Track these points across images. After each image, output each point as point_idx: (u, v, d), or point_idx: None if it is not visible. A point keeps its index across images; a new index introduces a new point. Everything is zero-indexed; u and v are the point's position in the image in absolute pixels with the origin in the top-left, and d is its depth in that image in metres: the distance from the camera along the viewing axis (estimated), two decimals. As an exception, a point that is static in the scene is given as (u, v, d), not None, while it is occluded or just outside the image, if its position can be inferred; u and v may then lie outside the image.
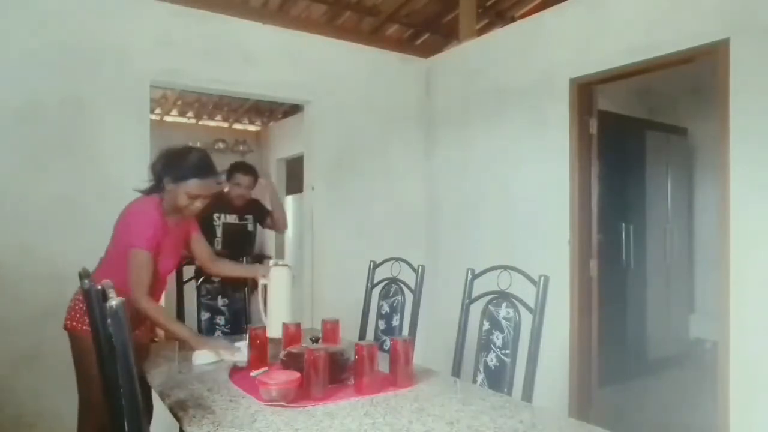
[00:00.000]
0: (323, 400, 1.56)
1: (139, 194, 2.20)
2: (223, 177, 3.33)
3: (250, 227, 3.61)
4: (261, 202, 3.69)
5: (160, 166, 2.15)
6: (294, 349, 1.82)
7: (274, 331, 2.01)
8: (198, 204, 2.15)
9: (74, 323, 2.11)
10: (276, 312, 2.10)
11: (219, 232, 3.46)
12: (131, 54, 3.15)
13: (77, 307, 2.10)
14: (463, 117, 4.05)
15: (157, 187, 2.16)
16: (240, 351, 2.01)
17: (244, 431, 1.34)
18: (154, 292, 2.15)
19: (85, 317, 2.01)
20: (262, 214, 3.66)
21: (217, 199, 3.23)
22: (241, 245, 3.46)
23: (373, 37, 4.68)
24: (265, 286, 2.17)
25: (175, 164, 2.12)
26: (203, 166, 2.15)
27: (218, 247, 3.39)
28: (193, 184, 2.09)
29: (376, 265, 2.77)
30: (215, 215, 3.44)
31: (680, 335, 5.08)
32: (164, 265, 2.18)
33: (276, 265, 2.18)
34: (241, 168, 3.52)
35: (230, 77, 3.51)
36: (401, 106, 4.26)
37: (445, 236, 4.18)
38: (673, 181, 5.03)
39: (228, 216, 3.50)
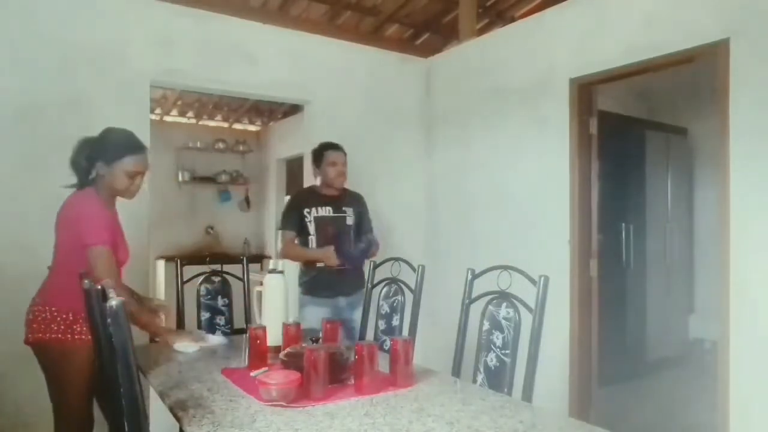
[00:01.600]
0: (323, 400, 1.56)
1: (68, 192, 2.13)
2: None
3: (349, 220, 3.11)
4: (363, 200, 3.25)
5: (85, 155, 2.09)
6: (294, 349, 1.82)
7: (272, 339, 1.95)
8: (138, 182, 2.10)
9: (38, 335, 2.04)
10: (272, 320, 2.03)
11: (312, 228, 3.05)
12: (131, 54, 3.15)
13: (39, 318, 2.04)
14: (463, 117, 4.05)
15: (85, 180, 2.10)
16: (207, 338, 2.27)
17: (244, 431, 1.34)
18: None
19: (52, 325, 2.01)
20: (361, 214, 3.18)
21: (307, 193, 3.22)
22: (338, 244, 3.01)
23: (373, 37, 4.68)
24: (260, 294, 2.15)
25: (102, 147, 2.07)
26: (133, 141, 2.12)
27: (313, 245, 3.04)
28: (129, 161, 2.06)
29: (376, 265, 2.77)
30: (305, 211, 3.07)
31: (680, 335, 5.08)
32: (120, 257, 2.12)
33: (272, 271, 2.14)
34: (330, 145, 3.15)
35: (230, 77, 3.51)
36: (401, 106, 4.26)
37: (445, 236, 4.18)
38: (673, 181, 5.03)
39: (320, 208, 3.07)
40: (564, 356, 3.23)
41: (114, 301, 1.21)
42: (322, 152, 3.14)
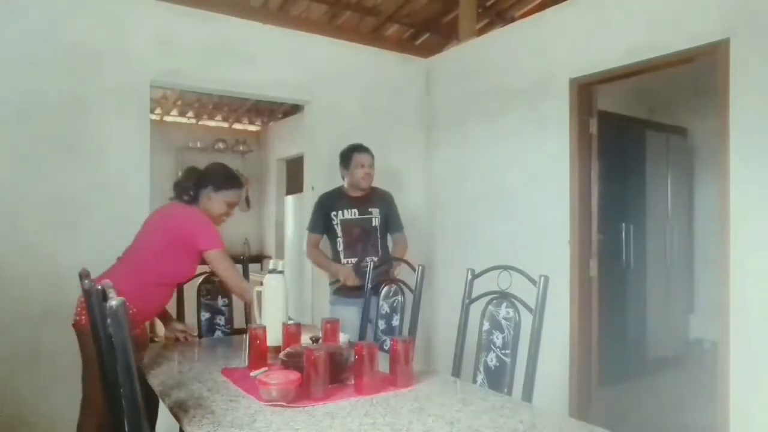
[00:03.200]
0: (323, 400, 1.56)
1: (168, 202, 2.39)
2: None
3: (375, 222, 3.14)
4: (391, 197, 3.26)
5: (194, 180, 2.36)
6: (294, 349, 1.82)
7: (272, 339, 1.95)
8: (231, 212, 2.42)
9: (83, 318, 2.12)
10: (272, 321, 2.03)
11: (339, 230, 3.14)
12: (131, 54, 3.15)
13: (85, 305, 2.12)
14: (463, 117, 4.05)
15: (188, 199, 2.36)
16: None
17: (244, 431, 1.34)
18: (172, 291, 2.39)
19: None
20: (388, 212, 3.21)
21: (334, 195, 3.24)
22: (364, 245, 3.09)
23: (373, 37, 4.68)
24: (260, 294, 2.15)
25: (214, 175, 2.38)
26: (237, 178, 2.46)
27: (340, 248, 3.14)
28: (233, 194, 2.39)
29: (376, 265, 2.77)
30: (332, 213, 3.15)
31: (680, 335, 5.08)
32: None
33: (272, 272, 2.13)
34: (358, 147, 3.18)
35: (230, 77, 3.51)
36: (401, 106, 4.26)
37: (445, 236, 4.18)
38: (673, 181, 5.03)
39: (347, 211, 3.14)
40: (564, 356, 3.23)
41: (114, 301, 1.21)
42: (349, 154, 3.19)
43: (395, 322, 2.56)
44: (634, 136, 4.69)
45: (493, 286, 2.01)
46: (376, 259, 3.04)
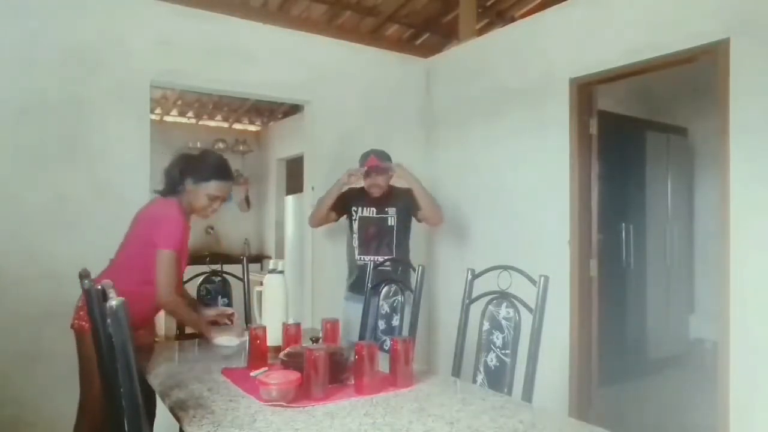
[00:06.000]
0: (323, 400, 1.56)
1: (155, 195, 2.31)
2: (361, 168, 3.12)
3: (390, 221, 3.16)
4: (411, 192, 3.20)
5: (179, 168, 2.25)
6: (294, 349, 1.82)
7: (272, 339, 1.95)
8: (216, 205, 2.26)
9: (82, 323, 2.13)
10: (272, 320, 2.03)
11: (356, 227, 3.19)
12: (131, 54, 3.15)
13: (86, 307, 2.09)
14: (463, 117, 4.05)
15: (173, 190, 2.25)
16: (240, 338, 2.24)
17: (244, 431, 1.34)
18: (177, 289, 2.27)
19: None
20: (409, 206, 3.17)
21: (357, 192, 3.24)
22: (377, 243, 3.14)
23: (373, 37, 4.68)
24: (260, 294, 2.15)
25: (196, 166, 2.24)
26: (223, 168, 2.29)
27: (355, 244, 3.17)
28: (213, 186, 2.22)
29: (376, 265, 2.77)
30: (353, 209, 3.20)
31: (680, 335, 5.08)
32: (183, 266, 2.30)
33: (272, 272, 2.14)
34: (369, 153, 3.18)
35: (230, 77, 3.51)
36: (401, 106, 4.26)
37: (445, 236, 4.18)
38: (673, 181, 5.03)
39: (365, 209, 3.18)
40: (564, 356, 3.23)
41: (114, 301, 1.21)
42: (363, 160, 3.18)
43: (395, 322, 2.56)
44: (634, 136, 4.69)
45: (493, 286, 2.01)
46: (388, 258, 3.04)
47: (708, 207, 5.08)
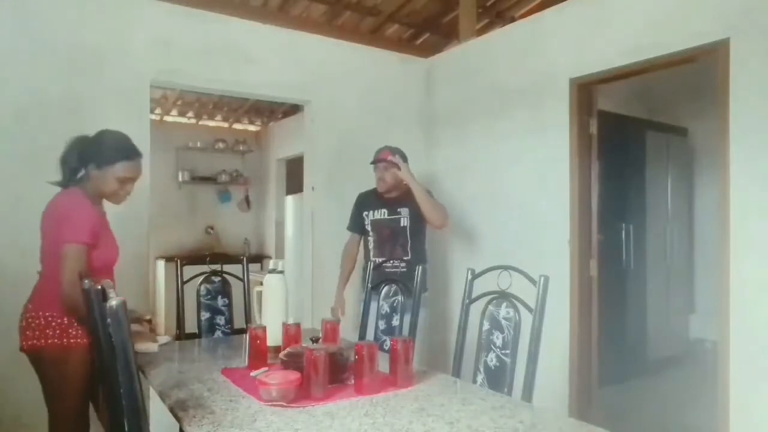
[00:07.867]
0: (323, 400, 1.56)
1: (56, 189, 2.08)
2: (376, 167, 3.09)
3: (403, 222, 3.08)
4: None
5: (77, 154, 2.07)
6: (294, 349, 1.82)
7: (272, 339, 1.95)
8: (128, 188, 2.08)
9: (33, 342, 1.99)
10: (272, 320, 2.03)
11: (370, 230, 3.15)
12: (131, 54, 3.15)
13: (33, 325, 2.00)
14: (463, 117, 4.05)
15: (71, 178, 2.07)
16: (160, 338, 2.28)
17: (244, 431, 1.34)
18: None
19: (47, 330, 1.97)
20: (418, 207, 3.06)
21: (367, 195, 3.22)
22: (392, 245, 3.07)
23: (373, 37, 4.68)
24: (260, 294, 2.15)
25: (97, 149, 2.05)
26: (128, 147, 2.09)
27: (370, 246, 3.13)
28: (120, 167, 2.03)
29: (376, 266, 2.77)
30: (365, 213, 3.17)
31: (680, 335, 5.08)
32: (109, 256, 2.10)
33: (272, 272, 2.13)
34: (387, 148, 3.11)
35: (230, 77, 3.51)
36: (401, 106, 4.26)
37: (445, 236, 4.18)
38: (673, 181, 5.03)
39: (377, 211, 3.13)
40: (564, 356, 3.23)
41: (114, 301, 1.21)
42: (378, 152, 3.13)
43: (395, 322, 2.57)
44: (634, 136, 4.68)
45: (493, 286, 2.01)
46: (401, 259, 3.01)
47: (708, 207, 5.08)
